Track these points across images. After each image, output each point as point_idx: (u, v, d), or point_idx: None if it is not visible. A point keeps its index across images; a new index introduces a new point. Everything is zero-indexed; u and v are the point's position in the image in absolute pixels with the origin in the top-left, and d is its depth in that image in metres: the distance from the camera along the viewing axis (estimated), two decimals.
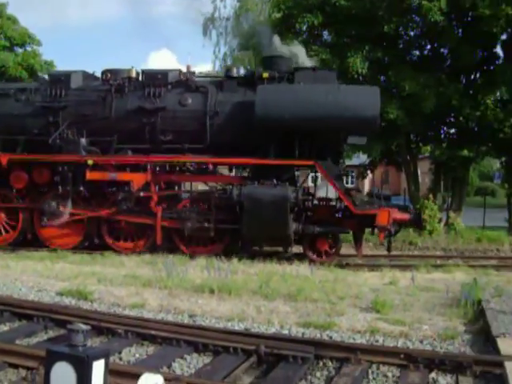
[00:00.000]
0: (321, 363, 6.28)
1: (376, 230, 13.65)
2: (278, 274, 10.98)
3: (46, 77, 16.18)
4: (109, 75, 14.43)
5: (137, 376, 3.93)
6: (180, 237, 13.76)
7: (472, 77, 20.62)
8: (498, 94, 19.43)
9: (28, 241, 14.49)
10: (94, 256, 13.13)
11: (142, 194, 13.70)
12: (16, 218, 14.60)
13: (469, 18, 19.44)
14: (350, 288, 9.96)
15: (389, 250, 13.83)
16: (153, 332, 6.90)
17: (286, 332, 7.37)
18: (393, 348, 6.66)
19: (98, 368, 3.26)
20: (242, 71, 14.89)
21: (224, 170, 15.47)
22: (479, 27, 18.26)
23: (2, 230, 14.70)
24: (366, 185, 34.87)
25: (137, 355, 6.45)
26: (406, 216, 13.48)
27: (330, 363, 6.28)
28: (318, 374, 6.02)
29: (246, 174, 14.51)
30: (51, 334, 7.19)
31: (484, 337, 7.19)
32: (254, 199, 12.73)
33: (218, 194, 13.43)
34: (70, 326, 3.41)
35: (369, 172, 23.45)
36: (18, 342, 6.71)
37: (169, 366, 6.09)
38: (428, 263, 13.26)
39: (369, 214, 12.90)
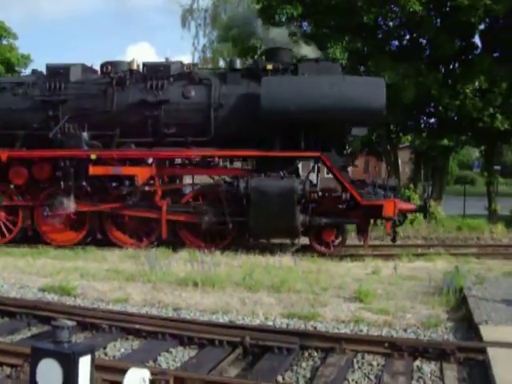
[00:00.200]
0: (306, 354, 6.31)
1: (380, 221, 13.70)
2: (261, 265, 10.98)
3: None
4: (109, 68, 14.15)
5: (123, 371, 3.92)
6: (187, 231, 13.63)
7: (451, 66, 20.80)
8: (477, 83, 19.59)
9: (28, 238, 14.19)
10: (76, 251, 13.01)
11: (147, 188, 13.53)
12: (15, 215, 14.28)
13: (447, 8, 19.58)
14: (333, 278, 10.02)
15: (394, 240, 13.85)
16: (137, 326, 6.88)
17: (270, 323, 7.38)
18: (377, 337, 6.70)
19: (85, 364, 3.24)
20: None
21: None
22: (457, 17, 18.42)
23: (3, 227, 14.38)
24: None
25: (122, 350, 6.42)
26: (411, 206, 13.70)
27: (316, 353, 6.31)
28: (304, 365, 6.05)
29: (247, 167, 14.35)
30: (35, 330, 7.13)
31: (466, 324, 7.27)
32: (261, 191, 12.62)
33: (224, 187, 13.25)
34: (55, 322, 3.39)
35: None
36: (1, 339, 6.64)
37: (154, 360, 6.07)
38: (410, 252, 13.35)
39: (375, 205, 12.88)
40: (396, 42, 21.32)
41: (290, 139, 13.06)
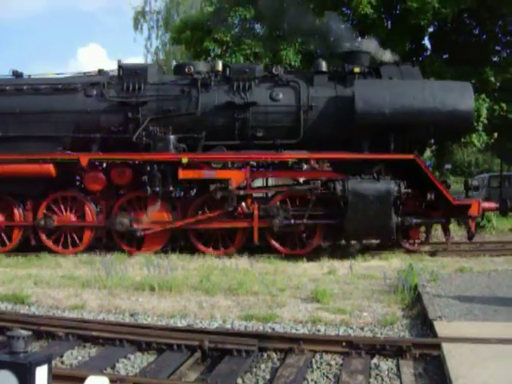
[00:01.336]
0: (265, 355, 6.34)
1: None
2: (217, 268, 11.00)
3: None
4: (192, 68, 13.76)
5: (81, 379, 3.87)
6: (273, 235, 13.32)
7: None
8: None
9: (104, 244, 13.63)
10: (30, 258, 12.73)
11: (242, 192, 13.12)
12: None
13: (398, 11, 19.93)
14: (290, 279, 10.09)
15: (470, 238, 14.03)
16: (94, 333, 6.79)
17: (228, 326, 7.39)
18: (335, 336, 6.78)
19: (42, 374, 3.18)
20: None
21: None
22: (408, 20, 18.76)
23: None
24: None
25: (79, 358, 6.32)
26: (493, 205, 14.07)
27: (274, 355, 6.35)
28: (263, 366, 6.07)
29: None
30: None
31: (421, 321, 7.43)
32: (360, 194, 12.52)
33: (320, 190, 12.94)
34: (10, 332, 3.31)
35: None
36: None
37: (113, 367, 6.00)
38: (364, 251, 13.55)
39: (461, 205, 13.21)
40: (348, 45, 21.56)
41: (379, 141, 13.02)
